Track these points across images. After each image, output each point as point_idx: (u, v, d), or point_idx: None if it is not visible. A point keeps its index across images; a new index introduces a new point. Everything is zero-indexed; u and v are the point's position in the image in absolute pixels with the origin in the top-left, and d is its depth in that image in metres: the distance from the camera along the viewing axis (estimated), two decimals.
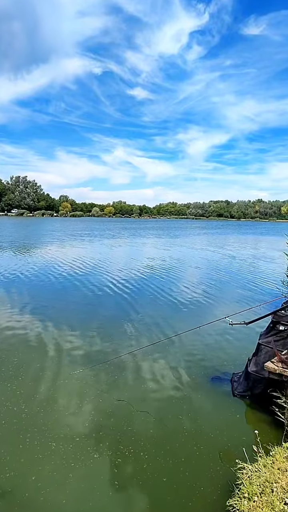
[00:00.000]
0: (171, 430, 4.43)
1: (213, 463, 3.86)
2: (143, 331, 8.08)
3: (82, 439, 4.19)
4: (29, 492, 3.41)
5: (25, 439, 4.15)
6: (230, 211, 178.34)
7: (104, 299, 11.07)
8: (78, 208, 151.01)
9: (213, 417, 4.75)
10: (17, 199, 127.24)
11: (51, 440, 4.15)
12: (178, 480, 3.63)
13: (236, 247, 32.75)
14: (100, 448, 4.06)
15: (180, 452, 4.02)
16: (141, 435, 4.31)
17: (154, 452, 4.00)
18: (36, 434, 4.24)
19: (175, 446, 4.14)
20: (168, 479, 3.62)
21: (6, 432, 4.28)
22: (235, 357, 6.58)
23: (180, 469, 3.76)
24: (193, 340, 7.46)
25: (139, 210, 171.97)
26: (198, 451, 4.05)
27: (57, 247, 26.44)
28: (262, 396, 4.90)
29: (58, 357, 6.48)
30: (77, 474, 3.65)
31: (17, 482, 3.53)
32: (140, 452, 4.00)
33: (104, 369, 5.98)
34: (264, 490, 3.01)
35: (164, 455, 3.96)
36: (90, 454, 3.95)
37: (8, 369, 5.90)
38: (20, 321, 8.48)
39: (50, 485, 3.50)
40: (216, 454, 4.01)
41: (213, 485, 3.54)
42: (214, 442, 4.20)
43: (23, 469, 3.71)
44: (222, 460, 3.90)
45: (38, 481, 3.54)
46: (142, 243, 34.57)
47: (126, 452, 4.00)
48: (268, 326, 5.28)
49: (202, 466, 3.81)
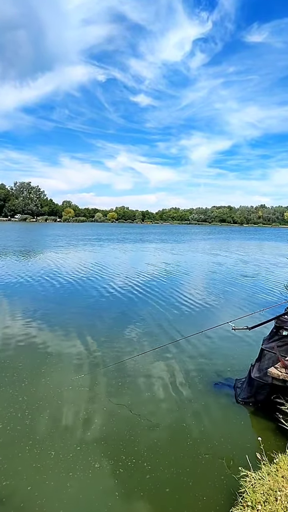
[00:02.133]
0: (175, 438, 4.36)
1: (217, 472, 3.79)
2: (146, 336, 8.04)
3: (83, 448, 4.12)
4: (24, 501, 3.33)
5: (25, 447, 4.10)
6: (232, 217, 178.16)
7: (107, 303, 11.04)
8: (81, 213, 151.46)
9: (216, 424, 4.69)
10: (20, 205, 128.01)
11: (50, 448, 4.08)
12: (181, 490, 3.56)
13: (240, 252, 32.67)
14: (101, 458, 3.98)
15: (183, 461, 3.95)
16: (143, 443, 4.24)
17: (157, 462, 3.92)
18: (36, 442, 4.19)
19: (178, 455, 4.06)
20: (171, 490, 3.56)
21: (7, 439, 4.23)
22: (238, 362, 6.51)
23: (183, 479, 3.69)
24: (195, 345, 7.40)
25: (142, 215, 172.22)
26: (201, 459, 3.99)
27: (64, 252, 26.50)
28: (265, 403, 4.83)
29: (62, 362, 6.44)
30: (76, 484, 3.57)
31: (13, 491, 3.46)
32: (144, 462, 3.93)
33: (107, 374, 5.94)
34: (268, 498, 2.95)
35: (167, 465, 3.89)
36: (91, 464, 3.87)
37: (12, 374, 5.87)
38: (24, 326, 8.47)
39: (46, 495, 3.42)
40: (219, 462, 3.94)
41: (216, 494, 3.48)
42: (217, 450, 4.14)
43: (19, 477, 3.64)
44: (225, 468, 3.83)
45: (34, 491, 3.46)
46: (146, 247, 34.58)
47: (128, 462, 3.92)
48: (271, 331, 5.23)
49: (205, 475, 3.75)
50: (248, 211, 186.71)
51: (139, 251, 31.09)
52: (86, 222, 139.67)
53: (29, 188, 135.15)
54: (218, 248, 36.59)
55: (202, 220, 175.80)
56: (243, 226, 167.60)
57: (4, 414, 4.71)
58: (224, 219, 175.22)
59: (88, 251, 28.56)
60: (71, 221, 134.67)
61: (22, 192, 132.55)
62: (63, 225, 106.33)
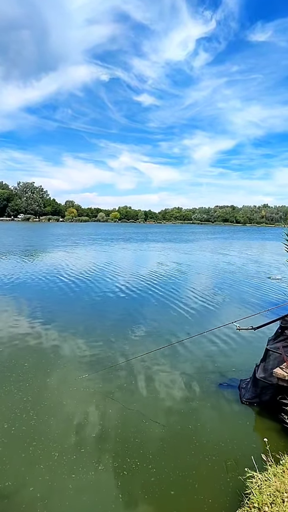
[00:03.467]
0: (179, 439, 4.34)
1: (222, 473, 3.77)
2: (150, 335, 8.03)
3: (87, 449, 4.10)
4: (25, 503, 3.32)
5: (29, 448, 4.09)
6: (235, 216, 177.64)
7: (112, 303, 11.06)
8: (83, 213, 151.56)
9: (221, 425, 4.66)
10: (23, 205, 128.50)
11: (54, 449, 4.06)
12: (186, 491, 3.53)
13: (246, 252, 32.55)
14: (105, 459, 3.95)
15: (188, 462, 3.93)
16: (148, 445, 4.21)
17: (162, 464, 3.89)
18: (40, 443, 4.17)
19: (183, 456, 4.04)
20: (176, 491, 3.53)
21: (11, 440, 4.23)
22: (243, 363, 6.48)
23: (188, 480, 3.66)
24: (200, 345, 7.38)
25: (144, 215, 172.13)
26: (207, 460, 3.96)
27: (71, 251, 26.55)
28: (270, 403, 4.81)
29: (67, 362, 6.45)
30: (79, 486, 3.54)
31: (15, 492, 3.45)
32: (149, 464, 3.89)
33: (112, 374, 5.94)
34: (275, 500, 2.93)
35: (172, 467, 3.85)
36: (94, 465, 3.84)
37: (17, 374, 5.89)
38: (30, 326, 8.49)
39: (48, 496, 3.40)
40: (225, 463, 3.91)
41: (222, 495, 3.45)
42: (222, 451, 4.11)
43: (22, 478, 3.62)
44: (230, 469, 3.81)
45: (36, 492, 3.44)
46: (152, 247, 34.54)
47: (132, 464, 3.88)
48: (277, 332, 5.20)
49: (210, 476, 3.72)
50: (251, 210, 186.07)
51: (145, 251, 31.05)
52: (88, 222, 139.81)
53: (33, 188, 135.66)
54: (223, 248, 36.50)
55: (205, 219, 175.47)
56: (246, 225, 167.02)
57: (9, 415, 4.71)
58: (227, 219, 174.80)
59: (94, 251, 28.62)
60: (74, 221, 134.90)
61: (25, 192, 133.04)
62: (66, 225, 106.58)
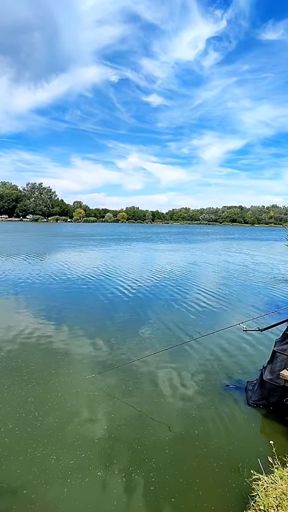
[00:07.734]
0: (185, 441, 4.31)
1: (228, 475, 3.74)
2: (157, 336, 8.03)
3: (91, 451, 4.07)
4: (29, 503, 3.32)
5: (31, 448, 4.07)
6: (243, 217, 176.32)
7: (119, 303, 11.09)
8: (91, 213, 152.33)
9: (227, 426, 4.63)
10: (32, 205, 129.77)
11: (56, 451, 4.05)
12: (192, 493, 3.50)
13: (252, 252, 32.30)
14: (108, 462, 3.91)
15: (194, 464, 3.91)
16: (153, 447, 4.17)
17: (167, 466, 3.85)
18: (43, 444, 4.16)
19: (189, 458, 4.01)
20: (181, 494, 3.51)
21: (14, 440, 4.21)
22: (249, 364, 6.44)
23: (194, 482, 3.64)
24: (206, 346, 7.35)
25: (152, 215, 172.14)
26: (212, 462, 3.94)
27: (79, 251, 26.73)
28: (277, 406, 4.77)
29: (73, 362, 6.49)
30: (80, 488, 3.53)
31: (16, 492, 3.44)
32: (153, 465, 3.87)
33: (117, 375, 5.95)
34: (281, 503, 2.90)
35: (178, 469, 3.81)
36: (97, 468, 3.81)
37: (23, 374, 5.94)
38: (37, 325, 8.57)
39: (50, 496, 3.40)
40: (230, 465, 3.89)
41: (228, 497, 3.43)
42: (228, 453, 4.09)
43: (23, 478, 3.62)
44: (236, 471, 3.79)
45: (38, 492, 3.43)
46: (161, 248, 34.55)
47: (136, 467, 3.83)
48: (284, 333, 5.15)
49: (216, 478, 3.70)
50: (259, 211, 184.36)
51: (155, 251, 31.04)
52: (96, 222, 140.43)
53: (41, 188, 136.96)
54: (233, 249, 36.26)
55: (213, 220, 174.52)
56: (254, 226, 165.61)
57: (13, 415, 4.72)
58: (235, 219, 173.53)
59: (103, 251, 28.71)
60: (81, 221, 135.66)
61: (33, 192, 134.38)
62: (74, 225, 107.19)
